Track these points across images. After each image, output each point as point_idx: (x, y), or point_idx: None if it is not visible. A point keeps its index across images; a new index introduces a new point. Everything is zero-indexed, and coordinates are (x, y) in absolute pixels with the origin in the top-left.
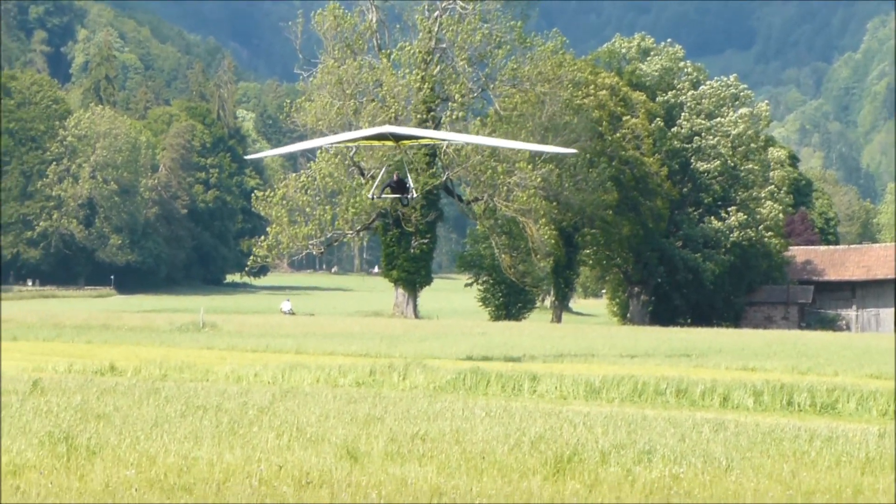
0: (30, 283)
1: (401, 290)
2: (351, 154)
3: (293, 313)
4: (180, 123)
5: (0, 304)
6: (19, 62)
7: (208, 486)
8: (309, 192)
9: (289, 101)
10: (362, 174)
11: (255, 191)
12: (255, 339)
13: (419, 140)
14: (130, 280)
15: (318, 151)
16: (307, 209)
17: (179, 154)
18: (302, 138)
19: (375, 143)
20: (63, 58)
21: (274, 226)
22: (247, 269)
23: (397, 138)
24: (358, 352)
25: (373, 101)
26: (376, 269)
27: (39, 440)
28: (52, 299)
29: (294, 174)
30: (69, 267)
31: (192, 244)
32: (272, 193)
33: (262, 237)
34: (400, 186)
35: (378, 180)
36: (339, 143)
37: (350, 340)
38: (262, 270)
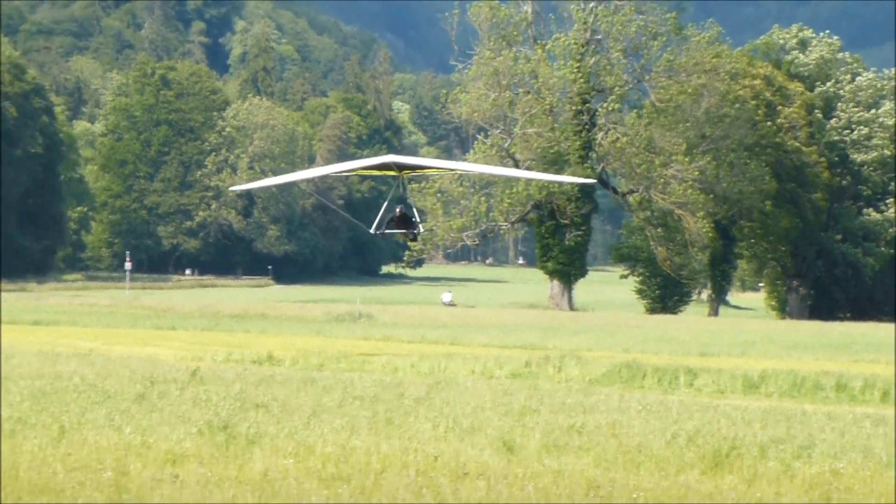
0: (188, 273)
1: (556, 282)
2: (506, 145)
3: (453, 304)
4: (336, 115)
5: None
6: (178, 53)
7: (365, 476)
8: (464, 183)
9: (444, 92)
10: (517, 165)
11: (411, 183)
12: (410, 329)
13: (423, 170)
14: (288, 270)
15: (476, 142)
16: (462, 201)
17: (336, 145)
18: (457, 130)
19: (376, 172)
20: (221, 49)
21: (429, 217)
22: (403, 260)
23: (400, 168)
24: (513, 343)
25: (528, 92)
26: (521, 261)
27: (199, 429)
28: (210, 289)
29: None
30: (227, 257)
31: (348, 235)
32: (428, 185)
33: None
34: (403, 221)
35: (380, 214)
36: (340, 172)
37: (505, 332)
38: (418, 262)
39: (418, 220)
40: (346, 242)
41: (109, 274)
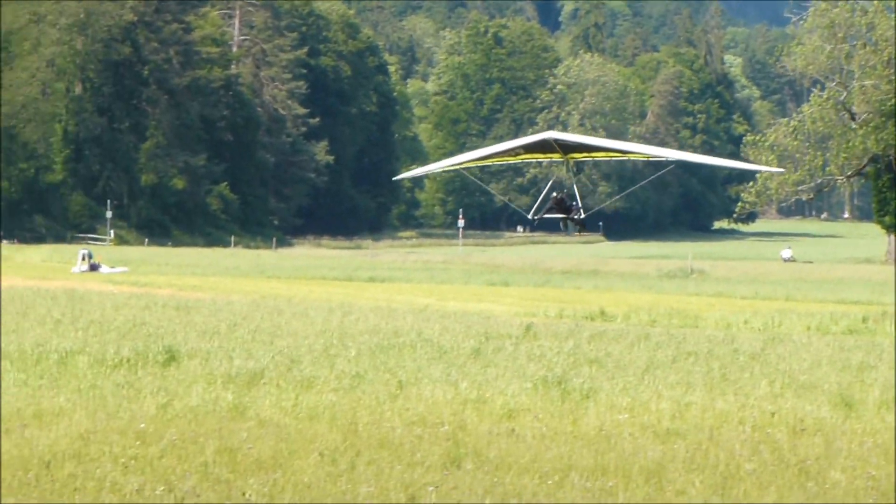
0: (520, 230)
1: (894, 237)
2: (842, 98)
3: (793, 260)
4: (668, 70)
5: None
6: (509, 11)
7: (700, 432)
8: (799, 137)
9: (780, 46)
10: (853, 118)
11: (745, 136)
12: (743, 285)
13: (590, 154)
14: (619, 226)
15: (811, 95)
16: (797, 155)
17: (667, 100)
18: (791, 83)
19: (542, 157)
20: (552, 6)
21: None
22: (735, 215)
23: (564, 149)
24: (849, 299)
25: (865, 45)
26: (846, 215)
27: (533, 384)
28: (541, 245)
29: (784, 119)
30: None
31: (680, 191)
32: (762, 139)
33: (751, 183)
34: (561, 207)
35: (540, 199)
36: (497, 154)
37: (841, 287)
38: (751, 217)
39: (580, 204)
40: (677, 198)
41: (443, 231)
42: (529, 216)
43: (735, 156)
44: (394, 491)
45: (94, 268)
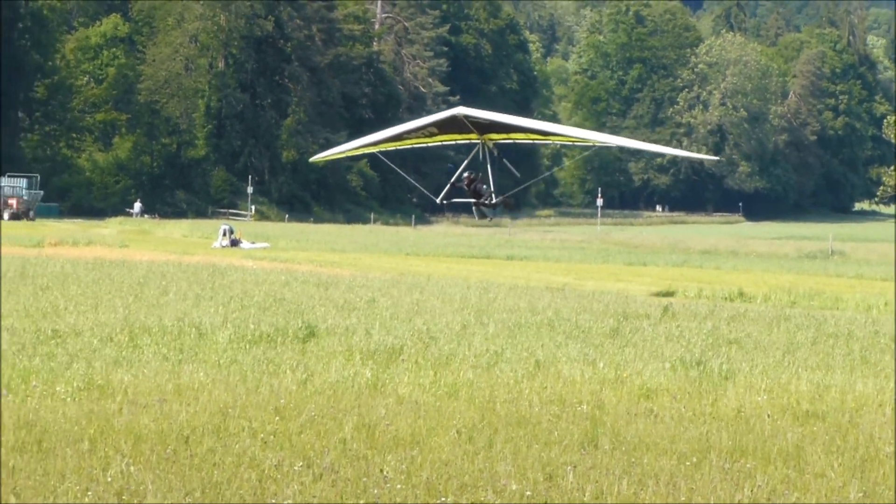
0: (659, 209)
1: None
2: None
3: None
4: (811, 50)
5: None
6: None
7: (841, 415)
8: None
9: None
10: None
11: (886, 117)
12: (884, 267)
13: (509, 136)
14: (758, 207)
15: None
16: None
17: (809, 81)
18: None
19: (459, 138)
20: None
21: None
22: (876, 197)
23: (479, 129)
24: None
25: None
26: None
27: (671, 364)
28: (680, 225)
29: None
30: (698, 193)
31: (821, 171)
32: None
33: (893, 165)
34: (473, 190)
35: (453, 179)
36: (407, 133)
37: None
38: (893, 198)
39: (492, 188)
40: (818, 179)
41: (581, 210)
42: (438, 200)
43: (876, 138)
44: (531, 469)
45: (234, 243)
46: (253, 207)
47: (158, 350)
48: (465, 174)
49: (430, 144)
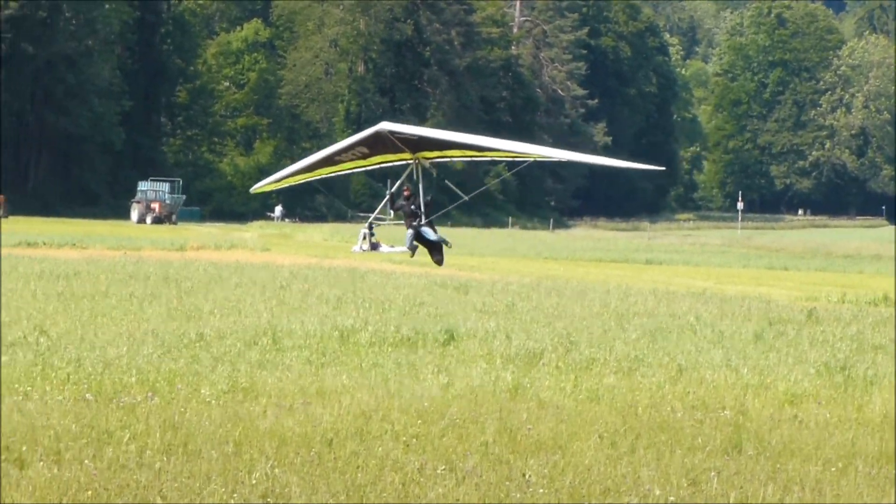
0: (801, 213)
1: None
2: None
3: None
4: None
5: None
6: None
7: None
8: None
9: None
10: None
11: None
12: None
13: (443, 153)
14: None
15: None
16: None
17: None
18: None
19: (392, 158)
20: None
21: None
22: None
23: (410, 146)
24: None
25: None
26: None
27: (816, 370)
28: (822, 229)
29: None
30: (840, 197)
31: None
32: None
33: None
34: (409, 207)
35: (391, 190)
36: (334, 156)
37: None
38: None
39: (422, 210)
40: None
41: (721, 214)
42: (370, 220)
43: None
44: (675, 475)
45: (374, 247)
46: (392, 211)
47: (301, 353)
48: (406, 186)
49: (369, 167)
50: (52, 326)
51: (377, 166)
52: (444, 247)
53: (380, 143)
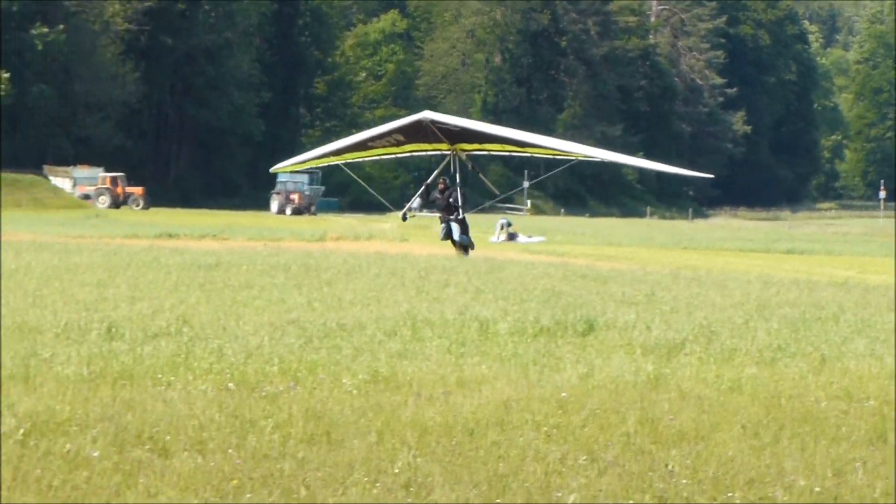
0: None
1: None
2: None
3: None
4: None
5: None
6: None
7: None
8: None
9: None
10: None
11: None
12: None
13: (481, 146)
14: None
15: None
16: None
17: None
18: None
19: (427, 147)
20: None
21: None
22: None
23: (450, 138)
24: None
25: None
26: None
27: None
28: None
29: None
30: None
31: None
32: None
33: None
34: (446, 202)
35: (423, 187)
36: (367, 140)
37: None
38: None
39: (460, 203)
40: None
41: (863, 203)
42: (401, 214)
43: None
44: (819, 466)
45: (511, 237)
46: (529, 202)
47: (441, 343)
48: (442, 178)
49: (399, 155)
50: (193, 317)
51: (408, 154)
52: (469, 249)
53: (419, 132)
